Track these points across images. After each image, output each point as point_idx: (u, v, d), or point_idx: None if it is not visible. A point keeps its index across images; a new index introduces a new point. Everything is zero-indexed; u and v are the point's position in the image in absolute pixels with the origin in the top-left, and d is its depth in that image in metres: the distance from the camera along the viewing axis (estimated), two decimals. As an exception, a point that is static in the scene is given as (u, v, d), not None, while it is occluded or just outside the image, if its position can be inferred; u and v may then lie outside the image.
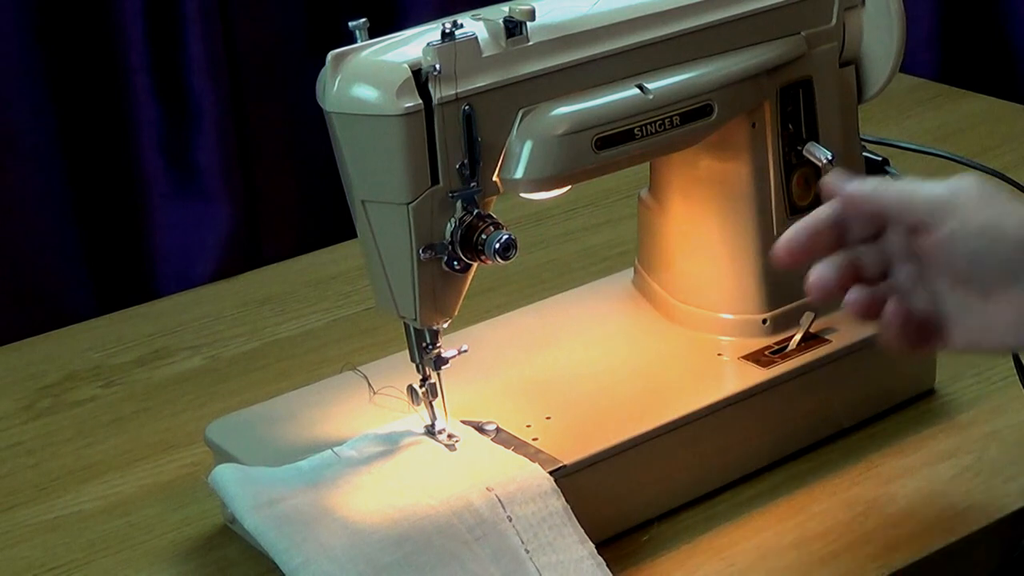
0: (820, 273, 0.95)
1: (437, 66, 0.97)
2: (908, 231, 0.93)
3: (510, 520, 1.00)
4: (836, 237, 0.95)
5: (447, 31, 0.98)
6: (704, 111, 1.08)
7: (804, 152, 1.11)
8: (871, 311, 0.95)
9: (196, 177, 1.56)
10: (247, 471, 1.04)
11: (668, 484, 1.10)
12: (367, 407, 1.11)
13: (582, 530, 1.01)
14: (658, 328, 1.20)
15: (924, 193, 0.92)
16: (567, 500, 1.02)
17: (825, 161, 1.09)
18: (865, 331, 1.17)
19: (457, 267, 1.02)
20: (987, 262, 0.90)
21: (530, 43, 1.02)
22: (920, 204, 0.92)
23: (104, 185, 1.56)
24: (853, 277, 0.95)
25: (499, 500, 1.00)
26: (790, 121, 1.14)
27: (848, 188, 0.95)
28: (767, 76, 1.12)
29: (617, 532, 1.08)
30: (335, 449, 1.05)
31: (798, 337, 1.16)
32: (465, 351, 1.08)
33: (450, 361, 1.06)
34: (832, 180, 0.96)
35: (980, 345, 0.94)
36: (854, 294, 0.95)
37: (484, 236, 1.00)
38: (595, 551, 1.01)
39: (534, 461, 1.03)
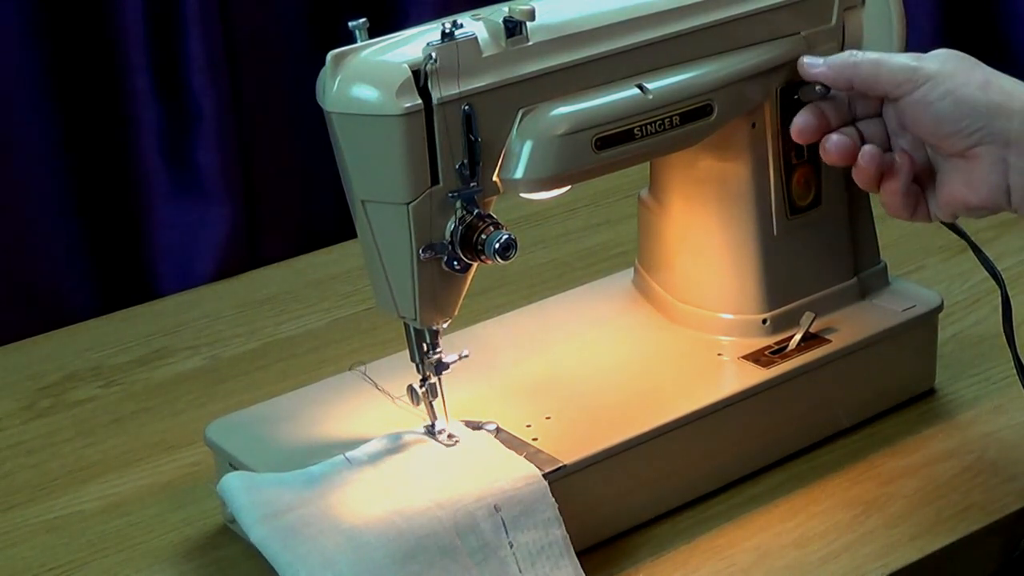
0: (836, 141, 1.07)
1: (433, 55, 0.97)
2: (881, 99, 1.06)
3: (511, 547, 1.00)
4: (842, 115, 1.08)
5: (447, 31, 0.98)
6: (704, 111, 1.08)
7: (799, 98, 1.12)
8: (878, 171, 1.06)
9: (196, 177, 1.56)
10: (255, 478, 1.04)
11: (668, 484, 1.10)
12: (368, 407, 1.12)
13: (577, 561, 1.02)
14: (658, 328, 1.20)
15: (890, 66, 1.04)
16: (567, 500, 1.02)
17: (820, 90, 1.10)
18: (865, 331, 1.18)
19: (457, 267, 1.02)
20: (951, 124, 1.02)
21: (530, 43, 1.02)
22: (885, 76, 1.04)
23: (104, 185, 1.56)
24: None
25: (503, 524, 1.00)
26: (790, 121, 1.14)
27: (817, 70, 1.08)
28: (767, 76, 1.12)
29: (617, 532, 1.08)
30: (347, 455, 1.05)
31: (798, 337, 1.16)
32: (466, 356, 1.08)
33: (451, 366, 1.07)
34: (809, 59, 1.09)
35: (968, 203, 1.04)
36: (868, 151, 1.06)
37: (484, 236, 1.00)
38: None
39: (534, 461, 1.03)
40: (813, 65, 1.08)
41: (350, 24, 1.01)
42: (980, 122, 1.01)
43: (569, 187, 1.06)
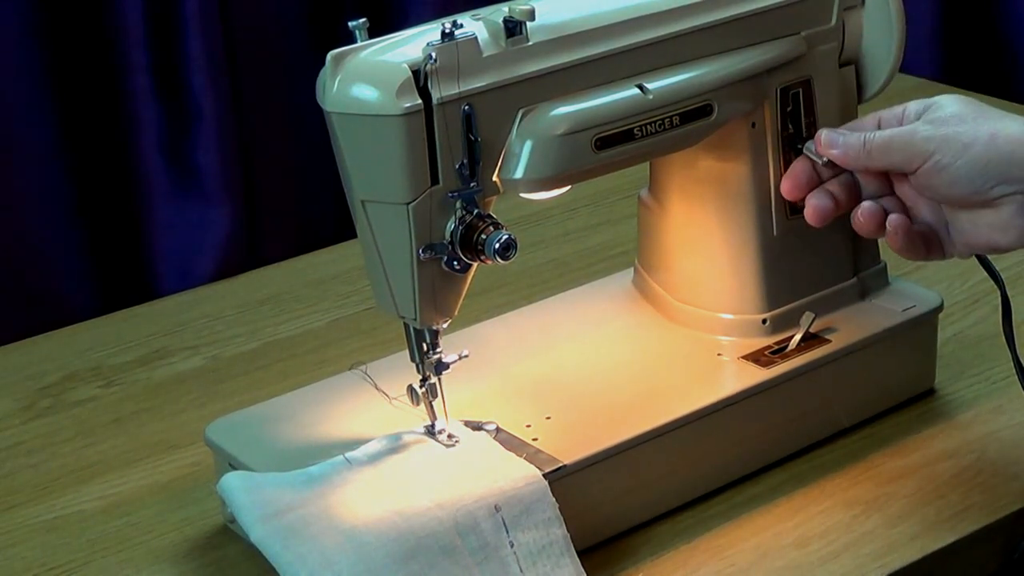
0: (814, 203, 1.08)
1: (433, 55, 0.97)
2: (896, 176, 1.07)
3: (512, 546, 1.00)
4: (835, 168, 1.09)
5: (447, 31, 0.98)
6: (704, 111, 1.08)
7: (803, 150, 1.11)
8: (878, 223, 1.06)
9: (196, 177, 1.56)
10: (255, 478, 1.04)
11: (668, 484, 1.10)
12: (368, 407, 1.12)
13: (578, 561, 1.02)
14: (658, 328, 1.20)
15: (898, 142, 1.04)
16: (567, 500, 1.02)
17: (824, 160, 1.09)
18: (865, 331, 1.18)
19: (457, 267, 1.02)
20: (966, 185, 1.02)
21: (530, 43, 1.02)
22: (897, 155, 1.04)
23: (104, 185, 1.56)
24: (853, 200, 1.08)
25: (504, 523, 1.00)
26: (790, 121, 1.14)
27: (833, 152, 1.07)
28: (767, 76, 1.12)
29: (617, 532, 1.08)
30: (347, 455, 1.05)
31: (798, 337, 1.16)
32: (466, 356, 1.08)
33: (451, 366, 1.07)
34: (828, 137, 1.08)
35: (996, 245, 1.04)
36: (863, 207, 1.06)
37: (484, 236, 1.00)
38: None
39: (534, 461, 1.03)
40: (831, 145, 1.07)
41: (350, 24, 1.01)
42: (995, 177, 1.01)
43: (569, 187, 1.06)
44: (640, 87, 1.06)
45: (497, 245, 1.00)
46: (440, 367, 1.06)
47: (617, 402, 1.11)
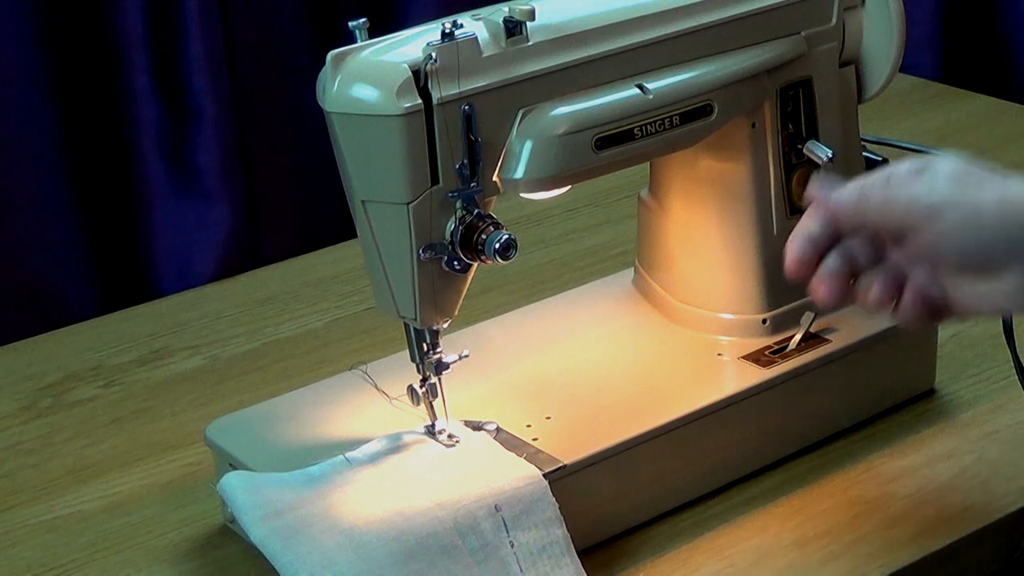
0: (827, 289, 0.96)
1: (433, 55, 0.97)
2: (893, 238, 0.94)
3: (512, 546, 1.00)
4: (832, 235, 0.96)
5: (447, 31, 0.98)
6: (704, 111, 1.08)
7: (804, 150, 1.11)
8: (891, 296, 0.95)
9: (196, 177, 1.56)
10: (255, 478, 1.04)
11: (668, 484, 1.10)
12: (368, 407, 1.12)
13: (579, 560, 1.02)
14: (658, 328, 1.20)
15: (900, 202, 0.93)
16: (567, 500, 1.02)
17: (825, 159, 1.09)
18: (865, 331, 1.17)
19: (457, 267, 1.02)
20: (973, 253, 0.92)
21: (530, 43, 1.02)
22: (897, 215, 0.93)
23: (104, 185, 1.56)
24: (852, 274, 0.96)
25: (504, 523, 1.00)
26: (790, 121, 1.14)
27: (830, 201, 0.96)
28: (767, 76, 1.12)
29: (617, 532, 1.08)
30: (347, 455, 1.05)
31: (798, 337, 1.16)
32: (466, 356, 1.08)
33: (451, 366, 1.07)
34: (816, 190, 0.97)
35: (1003, 308, 0.97)
36: (875, 285, 0.95)
37: (484, 236, 1.00)
38: None
39: (534, 461, 1.03)
40: (821, 200, 0.96)
41: (350, 24, 1.01)
42: (1006, 242, 0.92)
43: (569, 187, 1.06)
44: (640, 87, 1.06)
45: (497, 245, 1.00)
46: (440, 367, 1.06)
47: (617, 402, 1.11)
